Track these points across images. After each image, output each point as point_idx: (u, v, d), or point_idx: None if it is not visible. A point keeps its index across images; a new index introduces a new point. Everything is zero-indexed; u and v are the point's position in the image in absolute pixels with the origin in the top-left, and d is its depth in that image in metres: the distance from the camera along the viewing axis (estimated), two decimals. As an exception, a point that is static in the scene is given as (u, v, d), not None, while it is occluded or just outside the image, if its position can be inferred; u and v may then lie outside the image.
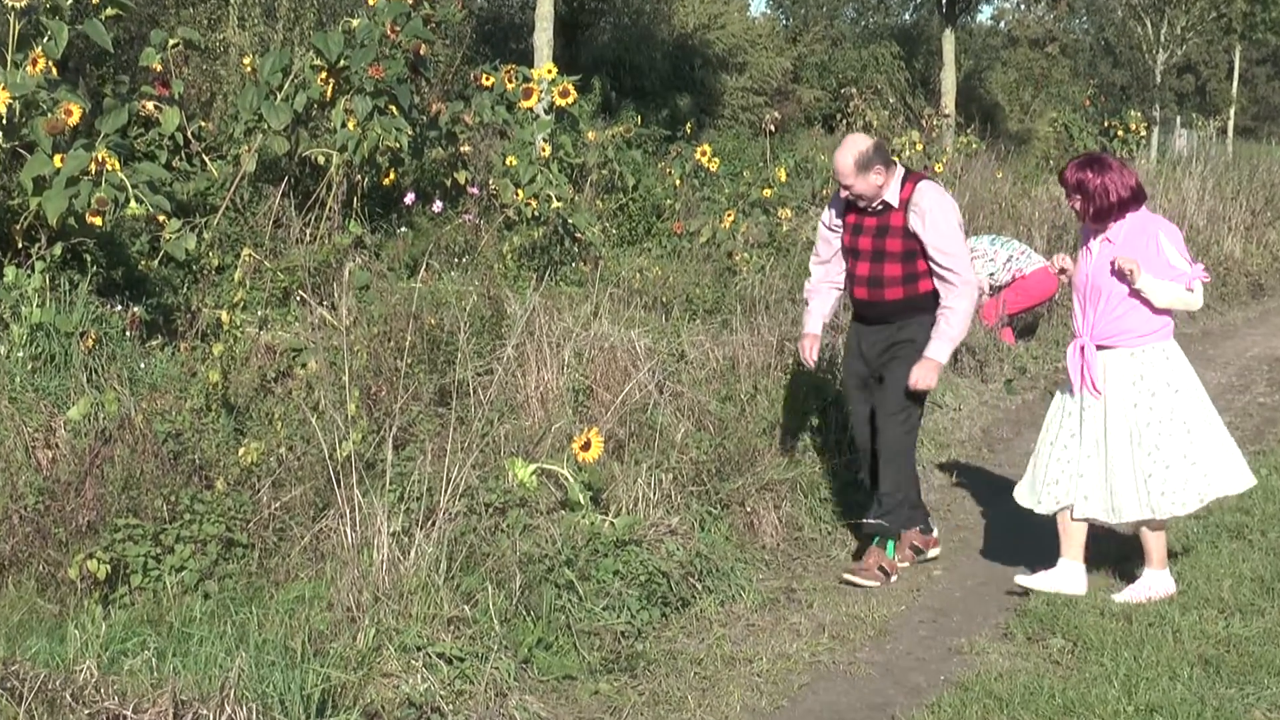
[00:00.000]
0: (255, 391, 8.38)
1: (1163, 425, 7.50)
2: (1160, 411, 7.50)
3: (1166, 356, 7.56)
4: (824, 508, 8.91)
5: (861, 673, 6.89)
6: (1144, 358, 7.51)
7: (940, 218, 7.83)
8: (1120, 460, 7.53)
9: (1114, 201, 7.47)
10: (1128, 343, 7.50)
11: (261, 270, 10.11)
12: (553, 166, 13.36)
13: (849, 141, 7.86)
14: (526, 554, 6.95)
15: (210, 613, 6.35)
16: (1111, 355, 7.54)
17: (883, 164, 7.80)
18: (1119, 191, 7.46)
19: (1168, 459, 7.51)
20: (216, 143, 12.38)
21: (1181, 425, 7.53)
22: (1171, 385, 7.53)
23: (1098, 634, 7.08)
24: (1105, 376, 7.55)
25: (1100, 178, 7.47)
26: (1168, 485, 7.51)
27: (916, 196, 7.84)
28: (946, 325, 7.88)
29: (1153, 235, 7.48)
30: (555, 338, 9.19)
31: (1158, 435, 7.50)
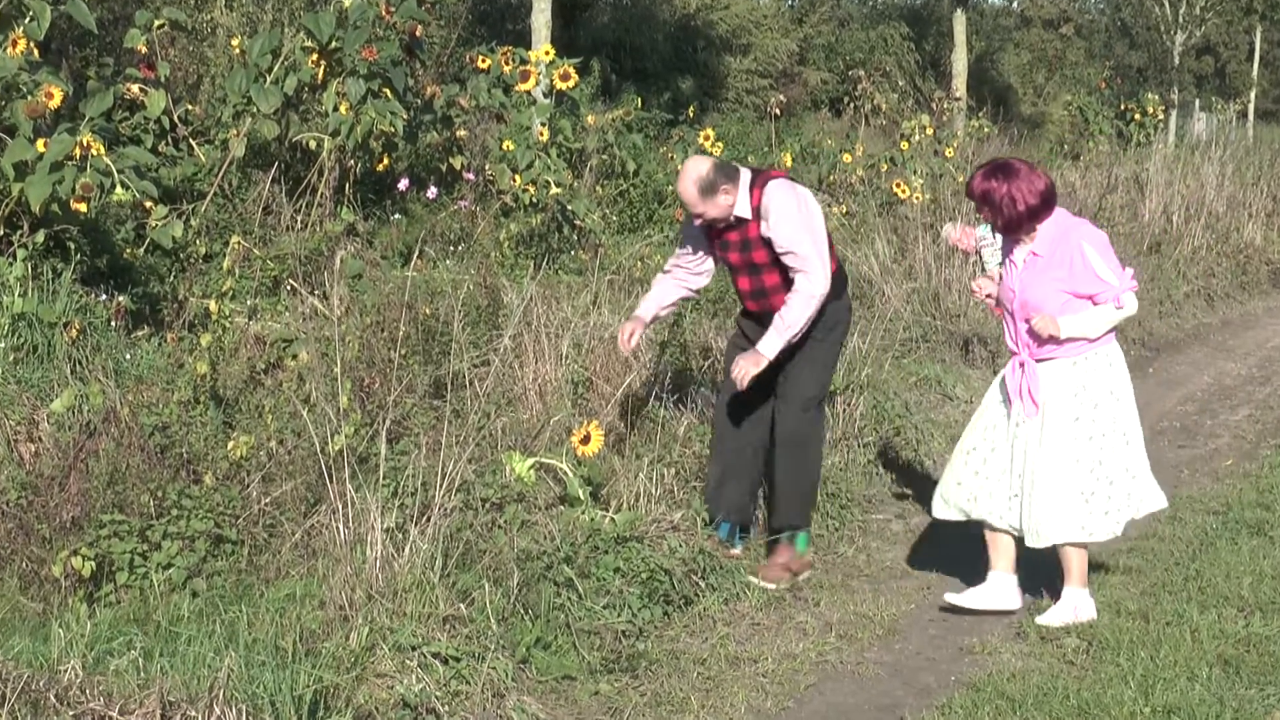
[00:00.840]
0: (244, 383, 8.38)
1: (1105, 438, 7.32)
2: (1103, 423, 7.31)
3: (1110, 363, 7.36)
4: (830, 503, 8.90)
5: (870, 673, 6.90)
6: (1087, 366, 7.30)
7: (781, 216, 7.65)
8: (1058, 479, 7.30)
9: (1022, 211, 7.20)
10: (1068, 354, 7.28)
11: (251, 258, 10.12)
12: (551, 151, 13.35)
13: (687, 169, 7.67)
14: (524, 551, 6.96)
15: (198, 611, 6.36)
16: (1052, 367, 7.31)
17: (727, 181, 7.63)
18: (1027, 200, 7.18)
19: (1111, 474, 7.35)
20: (204, 127, 12.37)
21: (1121, 436, 7.36)
22: (1114, 394, 7.33)
23: (1113, 633, 7.08)
24: (1045, 390, 7.31)
25: (1006, 186, 7.19)
26: (1111, 503, 7.36)
27: (764, 201, 7.69)
28: (780, 318, 7.70)
29: (1076, 247, 7.22)
30: (554, 328, 9.19)
31: (1100, 450, 7.32)
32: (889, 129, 20.22)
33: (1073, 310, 7.23)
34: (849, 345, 10.26)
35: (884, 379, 10.62)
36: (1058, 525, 7.35)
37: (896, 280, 13.19)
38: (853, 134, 18.85)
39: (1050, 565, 7.58)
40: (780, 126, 20.14)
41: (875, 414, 10.07)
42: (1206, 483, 10.12)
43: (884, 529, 9.03)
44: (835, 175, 16.79)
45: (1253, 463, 10.62)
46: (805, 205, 7.73)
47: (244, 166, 11.81)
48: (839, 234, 14.26)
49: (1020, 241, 7.36)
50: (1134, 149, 22.38)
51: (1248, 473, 10.30)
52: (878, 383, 10.39)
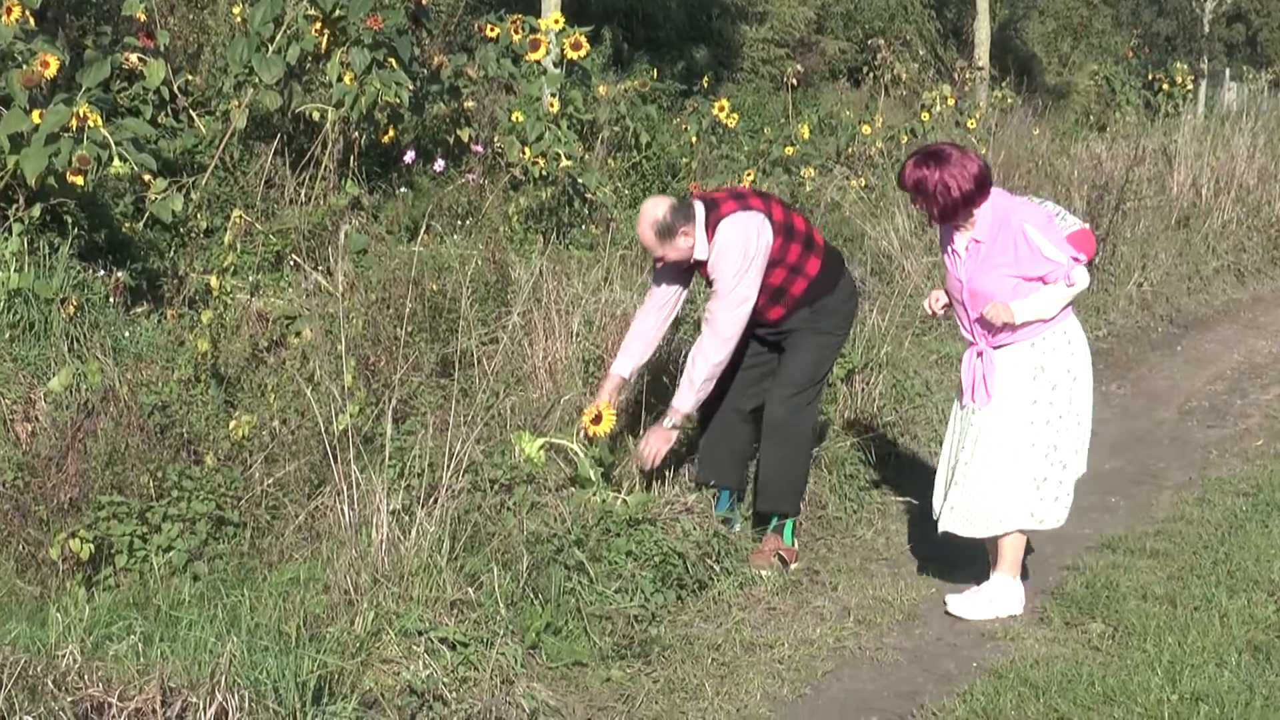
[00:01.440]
0: (246, 361, 8.39)
1: (1062, 420, 7.25)
2: (1059, 405, 7.23)
3: (1068, 340, 7.26)
4: (849, 485, 8.91)
5: (889, 659, 6.91)
6: (1045, 346, 7.21)
7: (722, 259, 7.57)
8: (1010, 465, 7.25)
9: (957, 198, 7.08)
10: (1026, 335, 7.19)
11: (253, 233, 10.12)
12: (561, 123, 13.32)
13: (644, 213, 7.58)
14: (534, 533, 6.96)
15: (199, 595, 6.37)
16: (1010, 351, 7.23)
17: (686, 222, 7.55)
18: (960, 185, 7.06)
19: (1064, 457, 7.29)
20: (204, 97, 12.36)
21: (1075, 418, 7.29)
22: (1071, 373, 7.25)
23: (1140, 618, 7.08)
24: (1003, 374, 7.24)
25: (938, 173, 7.06)
26: (1062, 489, 7.31)
27: (715, 240, 7.59)
28: (688, 369, 7.69)
29: (1018, 230, 7.09)
30: (564, 304, 9.19)
31: (1055, 433, 7.24)
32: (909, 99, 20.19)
33: (1023, 294, 7.11)
34: (867, 322, 10.25)
35: (904, 357, 10.62)
36: (1006, 513, 7.30)
37: (916, 255, 13.16)
38: (872, 105, 18.83)
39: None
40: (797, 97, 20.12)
41: (895, 393, 10.07)
42: (1236, 464, 10.10)
43: (903, 512, 9.03)
44: (854, 147, 16.76)
45: (1284, 443, 10.61)
46: (752, 246, 7.58)
47: (245, 138, 11.80)
48: (857, 208, 14.25)
49: (959, 229, 7.25)
50: (1162, 120, 22.30)
51: (1278, 453, 10.28)
52: (897, 360, 10.38)
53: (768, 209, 7.66)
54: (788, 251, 7.67)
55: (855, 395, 9.74)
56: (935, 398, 10.45)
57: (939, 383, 10.90)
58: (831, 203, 14.47)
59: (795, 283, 7.74)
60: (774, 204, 7.75)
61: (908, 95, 20.62)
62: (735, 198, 7.68)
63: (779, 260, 7.65)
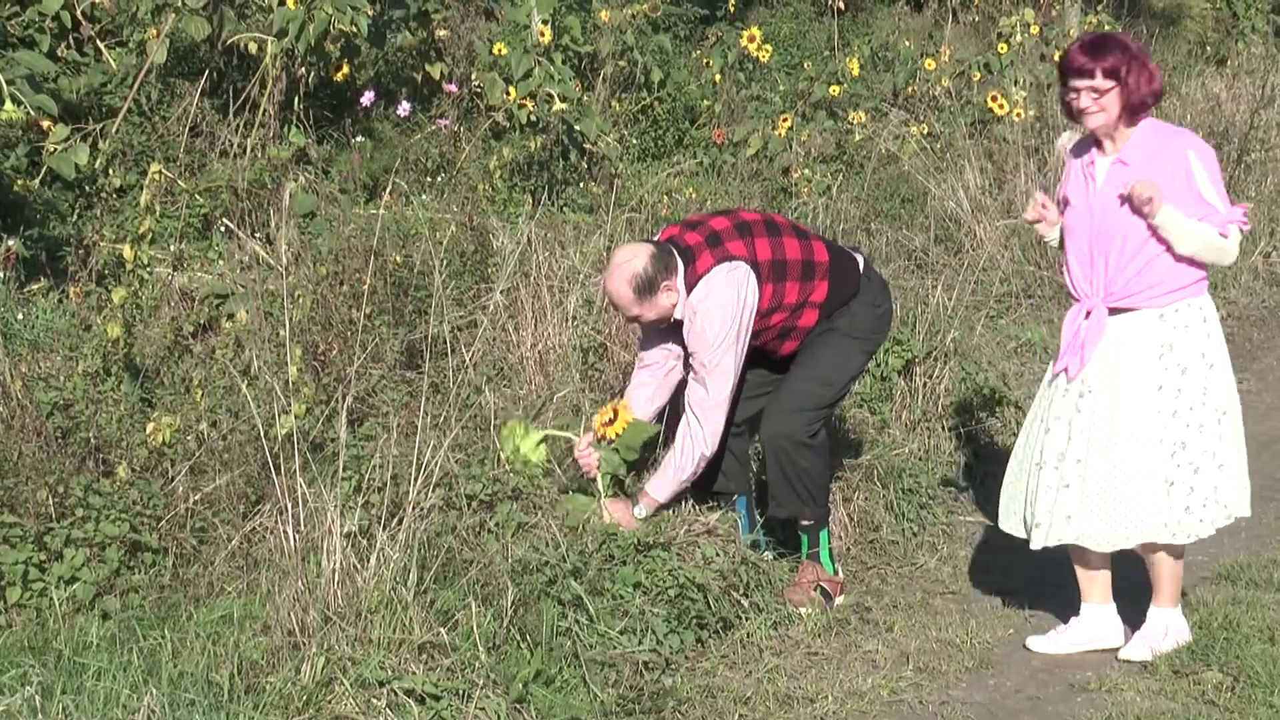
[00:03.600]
0: (168, 350, 8.42)
1: (1193, 413, 7.21)
2: (1191, 395, 7.20)
3: (1204, 318, 7.25)
4: (907, 501, 8.93)
5: (957, 715, 6.93)
6: (1177, 320, 7.18)
7: (701, 329, 7.59)
8: (1136, 465, 7.22)
9: (1155, 90, 7.14)
10: (1156, 300, 7.16)
11: (175, 192, 10.14)
12: (555, 57, 13.35)
13: (618, 265, 7.56)
14: (521, 561, 6.99)
15: (110, 637, 6.39)
16: (1131, 320, 7.21)
17: (668, 275, 7.56)
18: (1157, 79, 7.15)
19: (1196, 459, 7.24)
20: (115, 25, 12.38)
21: (1214, 412, 7.25)
22: (1207, 358, 7.22)
23: (1265, 666, 7.09)
24: (1121, 349, 7.23)
25: (1133, 59, 7.09)
26: (1194, 497, 7.26)
27: (694, 297, 7.61)
28: (671, 458, 7.75)
29: (1180, 156, 7.10)
30: (558, 280, 9.22)
31: (1184, 428, 7.21)
32: (983, 27, 20.16)
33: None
34: (931, 301, 10.26)
35: (975, 344, 10.63)
36: (1135, 522, 7.28)
37: (991, 218, 13.19)
38: (937, 34, 18.79)
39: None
40: (844, 24, 20.11)
41: (964, 388, 10.07)
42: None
43: (974, 534, 9.05)
44: (914, 86, 16.76)
45: None
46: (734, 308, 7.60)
47: (166, 76, 11.82)
48: (918, 161, 14.26)
49: (1099, 150, 7.29)
50: (1296, 51, 22.28)
51: None
52: (967, 349, 10.39)
53: (751, 251, 7.65)
54: (783, 294, 7.72)
55: (916, 391, 9.75)
56: (1014, 394, 10.46)
57: (1018, 376, 10.91)
58: (887, 154, 14.49)
59: (803, 316, 7.83)
60: (758, 239, 7.71)
61: (981, 22, 20.59)
62: (711, 244, 7.62)
63: (775, 307, 7.71)
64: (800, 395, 7.83)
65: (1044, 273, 12.82)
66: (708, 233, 7.69)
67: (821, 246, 7.91)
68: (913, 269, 12.26)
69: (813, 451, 7.86)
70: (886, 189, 14.03)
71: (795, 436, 7.78)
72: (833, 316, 7.85)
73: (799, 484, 7.85)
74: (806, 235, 7.92)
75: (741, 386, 7.83)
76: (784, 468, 7.83)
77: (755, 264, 7.62)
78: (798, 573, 7.97)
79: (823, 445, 7.98)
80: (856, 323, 7.91)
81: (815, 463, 7.89)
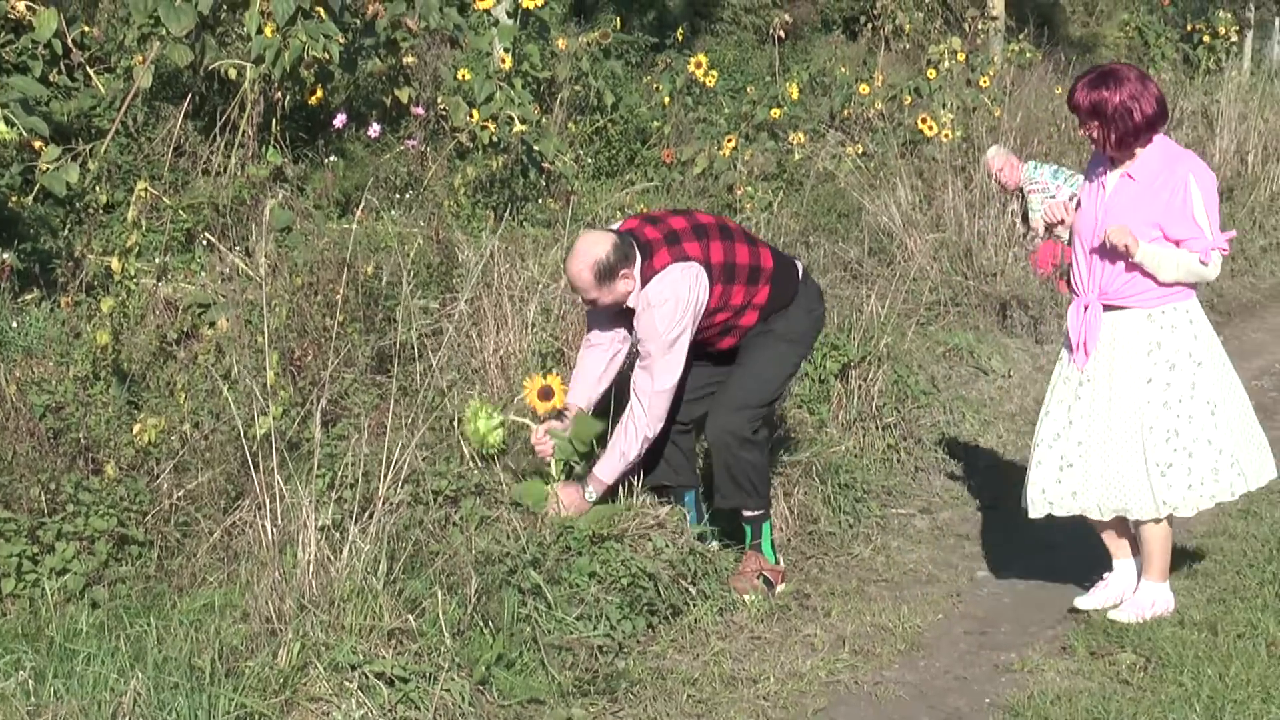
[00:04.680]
0: (153, 356, 8.38)
1: (1182, 405, 7.39)
2: (1180, 388, 7.39)
3: (1190, 320, 7.44)
4: (844, 495, 8.94)
5: (889, 695, 6.93)
6: (1164, 320, 7.38)
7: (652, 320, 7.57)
8: (1128, 449, 7.41)
9: (1139, 123, 7.29)
10: (1145, 302, 7.37)
11: (160, 208, 10.09)
12: (515, 82, 13.33)
13: (581, 250, 7.53)
14: (484, 552, 6.97)
15: (99, 625, 6.35)
16: (1123, 318, 7.41)
17: (627, 264, 7.54)
18: (1143, 109, 7.28)
19: (1189, 445, 7.41)
20: (104, 52, 12.34)
21: (1205, 404, 7.43)
22: (1194, 356, 7.41)
23: (1176, 648, 7.11)
24: (1114, 344, 7.43)
25: (1119, 95, 7.26)
26: (1194, 476, 7.42)
27: (648, 290, 7.59)
28: (616, 441, 7.70)
29: (1182, 179, 7.31)
30: (518, 290, 9.20)
31: (1175, 417, 7.39)
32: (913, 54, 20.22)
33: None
34: (864, 309, 10.27)
35: (907, 349, 10.64)
36: (1131, 500, 7.45)
37: (921, 232, 13.20)
38: (870, 60, 18.85)
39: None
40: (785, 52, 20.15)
41: (896, 390, 10.10)
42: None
43: (906, 526, 9.07)
44: (850, 109, 16.79)
45: (1340, 447, 10.66)
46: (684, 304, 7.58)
47: (151, 99, 11.78)
48: (854, 178, 14.28)
49: (1113, 163, 7.44)
50: (1203, 77, 22.41)
51: (1334, 459, 10.33)
52: (899, 353, 10.41)
53: (705, 253, 7.65)
54: (730, 296, 7.71)
55: (852, 393, 9.77)
56: (942, 395, 10.49)
57: (946, 379, 10.95)
58: (824, 173, 14.51)
59: (745, 316, 7.82)
60: (712, 242, 7.71)
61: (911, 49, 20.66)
62: (669, 242, 7.61)
63: (720, 307, 7.70)
64: (742, 394, 7.82)
65: (970, 283, 12.85)
66: (666, 230, 7.69)
67: (768, 253, 7.92)
68: (848, 279, 12.26)
69: (755, 447, 7.86)
70: (824, 205, 14.04)
71: (738, 433, 7.77)
72: (770, 319, 7.85)
73: (742, 478, 7.84)
74: (755, 242, 7.92)
75: (685, 384, 7.82)
76: (728, 463, 7.82)
77: (708, 265, 7.61)
78: (742, 562, 7.97)
79: (764, 442, 7.98)
80: (792, 326, 7.91)
81: (757, 458, 7.89)
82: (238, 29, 11.94)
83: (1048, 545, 8.52)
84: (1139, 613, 7.51)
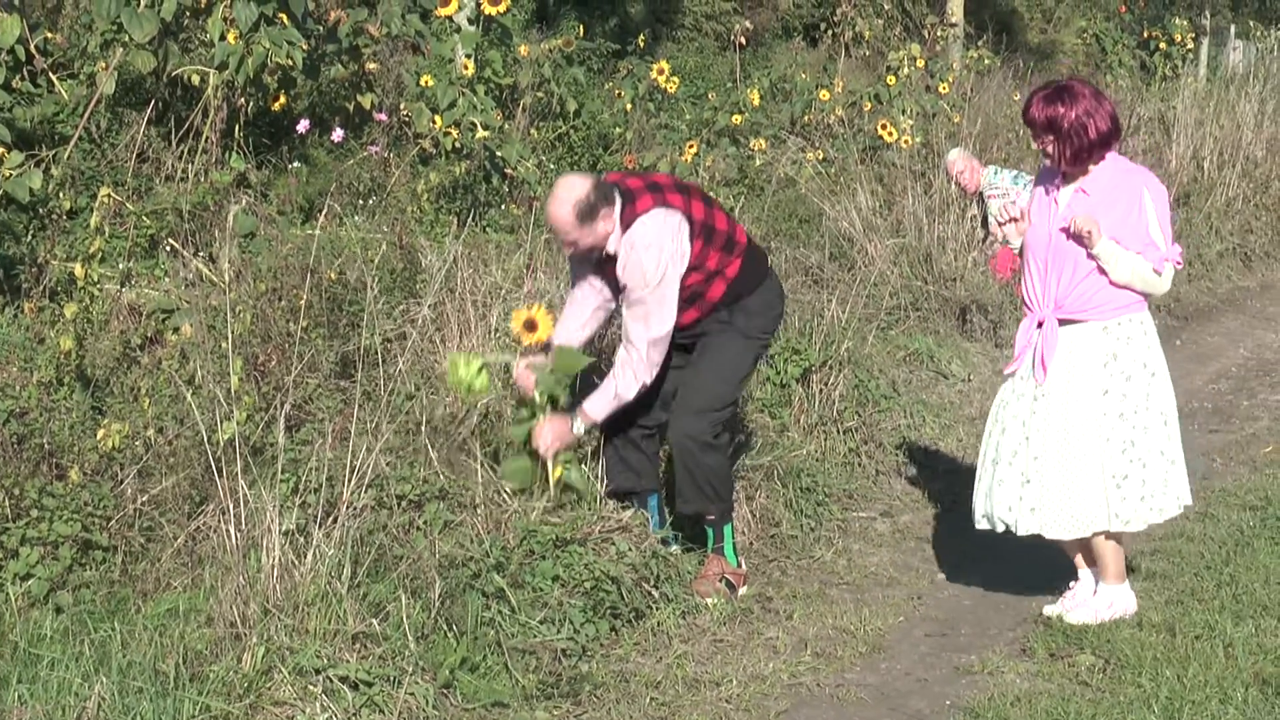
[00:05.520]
0: (117, 362, 8.35)
1: (1138, 416, 7.43)
2: (1135, 399, 7.43)
3: (1144, 331, 7.49)
4: (805, 499, 8.94)
5: (851, 697, 6.94)
6: (1120, 332, 7.41)
7: (636, 263, 7.59)
8: (1084, 462, 7.43)
9: (1093, 139, 7.32)
10: (1101, 315, 7.40)
11: (123, 214, 10.06)
12: (478, 88, 13.31)
13: (563, 189, 7.56)
14: (447, 556, 6.97)
15: (63, 630, 6.34)
16: (1079, 331, 7.44)
17: (607, 205, 7.55)
18: (1098, 126, 7.32)
19: (1144, 456, 7.45)
20: (66, 58, 12.29)
21: (1159, 414, 7.48)
22: (1148, 367, 7.46)
23: (1134, 649, 7.14)
24: (1070, 357, 7.44)
25: (1074, 110, 7.30)
26: (1147, 488, 7.46)
27: (629, 236, 7.60)
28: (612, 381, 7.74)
29: (1136, 192, 7.37)
30: (481, 295, 9.19)
31: (1132, 429, 7.43)
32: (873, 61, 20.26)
33: None
34: (825, 314, 10.28)
35: (867, 353, 10.66)
36: (1087, 514, 7.45)
37: (881, 237, 13.23)
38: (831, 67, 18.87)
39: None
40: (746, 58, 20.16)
41: (857, 395, 10.11)
42: (1243, 473, 10.20)
43: (867, 529, 9.08)
44: (810, 115, 16.81)
45: (1296, 449, 10.72)
46: (668, 249, 7.60)
47: (114, 106, 11.74)
48: (814, 184, 14.29)
49: (1065, 179, 7.46)
50: (1159, 84, 22.46)
51: (1290, 461, 10.39)
52: (860, 358, 10.42)
53: (687, 206, 7.65)
54: (706, 257, 7.70)
55: (813, 397, 9.78)
56: (902, 400, 10.51)
57: (906, 383, 10.96)
58: (785, 178, 14.51)
59: (712, 286, 7.79)
60: (694, 200, 7.73)
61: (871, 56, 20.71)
62: (652, 190, 7.64)
63: (696, 266, 7.68)
64: (702, 398, 7.81)
65: (930, 288, 12.88)
66: (649, 181, 7.76)
67: (742, 230, 7.96)
68: (810, 284, 12.27)
69: (716, 451, 7.86)
70: (785, 210, 14.04)
71: (700, 438, 7.77)
72: (734, 307, 7.84)
73: (704, 482, 7.84)
74: (732, 218, 7.95)
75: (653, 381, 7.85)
76: (690, 467, 7.82)
77: (690, 219, 7.62)
78: (704, 566, 7.97)
79: (724, 446, 7.98)
80: (753, 324, 7.91)
81: (719, 462, 7.89)
82: (201, 35, 11.92)
83: (1007, 548, 8.52)
84: (1096, 614, 7.54)
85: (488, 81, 13.72)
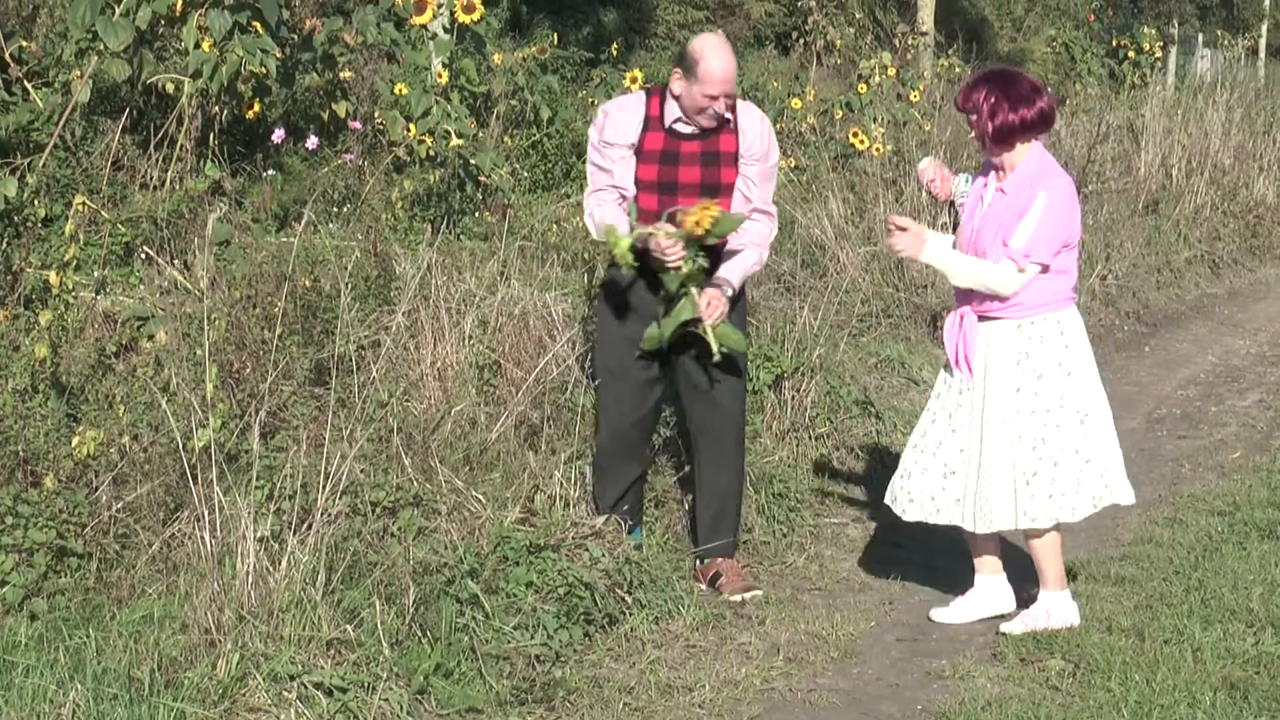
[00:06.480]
0: (92, 369, 8.33)
1: (1050, 414, 7.43)
2: (1047, 398, 7.43)
3: (1061, 330, 7.48)
4: (777, 505, 8.95)
5: (823, 701, 6.94)
6: (1033, 331, 7.43)
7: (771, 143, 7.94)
8: (996, 458, 7.45)
9: (1000, 125, 7.36)
10: (1015, 313, 7.42)
11: (98, 222, 10.03)
12: (452, 96, 13.31)
13: (723, 44, 7.71)
14: (422, 563, 6.96)
15: (37, 637, 6.32)
16: (995, 328, 7.47)
17: None
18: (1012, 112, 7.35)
19: (1055, 454, 7.44)
20: (41, 67, 12.25)
21: (1075, 413, 7.47)
22: (1063, 366, 7.45)
23: (1104, 654, 7.15)
24: (987, 353, 7.49)
25: (993, 94, 7.37)
26: (1056, 486, 7.45)
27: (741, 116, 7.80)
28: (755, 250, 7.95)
29: (1033, 194, 7.36)
30: (455, 302, 9.18)
31: (1043, 425, 7.43)
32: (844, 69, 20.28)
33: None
34: (797, 321, 10.31)
35: (839, 360, 10.67)
36: (996, 511, 7.48)
37: (853, 244, 13.25)
38: (802, 75, 18.89)
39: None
40: (718, 66, 20.10)
41: (829, 401, 10.12)
42: (1211, 478, 10.23)
43: (839, 535, 9.08)
44: (782, 123, 16.82)
45: (1264, 455, 10.74)
46: None
47: (89, 114, 11.71)
48: (786, 192, 14.31)
49: (997, 173, 7.50)
50: (1128, 92, 22.56)
51: (1258, 467, 10.41)
52: (831, 365, 10.44)
53: None
54: None
55: (785, 404, 9.79)
56: (875, 406, 10.51)
57: (878, 389, 10.97)
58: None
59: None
60: None
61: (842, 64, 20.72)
62: None
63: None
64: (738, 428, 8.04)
65: (901, 294, 12.91)
66: None
67: None
68: (782, 291, 12.29)
69: None
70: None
71: (742, 471, 7.90)
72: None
73: (737, 514, 7.99)
74: None
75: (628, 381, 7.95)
76: (737, 506, 8.06)
77: None
78: (722, 573, 8.05)
79: None
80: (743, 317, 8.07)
81: None
82: (175, 44, 11.89)
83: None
84: (1032, 623, 7.54)
85: (462, 89, 13.71)
